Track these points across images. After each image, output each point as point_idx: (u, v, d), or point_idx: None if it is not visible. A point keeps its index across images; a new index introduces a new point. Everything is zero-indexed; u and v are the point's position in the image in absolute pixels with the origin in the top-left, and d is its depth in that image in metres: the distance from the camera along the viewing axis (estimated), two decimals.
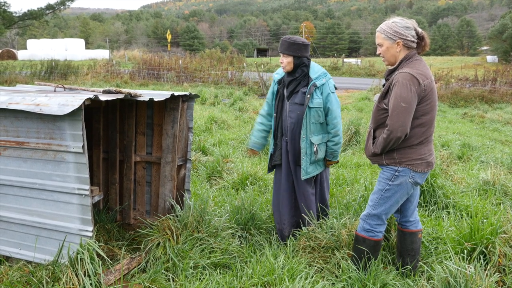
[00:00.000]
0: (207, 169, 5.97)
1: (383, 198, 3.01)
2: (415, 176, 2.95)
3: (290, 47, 3.58)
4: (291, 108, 3.68)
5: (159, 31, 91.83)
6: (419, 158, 2.92)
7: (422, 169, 2.93)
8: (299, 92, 3.66)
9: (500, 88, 19.26)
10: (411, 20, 2.96)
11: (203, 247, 3.36)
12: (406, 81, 2.79)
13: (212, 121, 10.33)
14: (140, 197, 4.20)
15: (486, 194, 5.11)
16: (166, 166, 3.92)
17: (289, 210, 3.81)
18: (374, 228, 3.08)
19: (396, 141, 2.85)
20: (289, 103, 3.69)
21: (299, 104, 3.64)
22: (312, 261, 3.37)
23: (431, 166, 2.99)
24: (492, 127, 12.49)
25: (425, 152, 2.94)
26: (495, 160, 7.34)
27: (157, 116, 4.05)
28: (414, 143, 2.90)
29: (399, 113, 2.79)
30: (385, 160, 2.98)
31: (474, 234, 3.35)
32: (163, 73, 25.03)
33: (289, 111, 3.68)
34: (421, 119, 2.88)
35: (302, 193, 3.76)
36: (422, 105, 2.85)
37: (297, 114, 3.65)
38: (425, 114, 2.88)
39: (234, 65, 28.12)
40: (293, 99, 3.68)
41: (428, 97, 2.86)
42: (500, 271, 3.11)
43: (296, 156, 3.71)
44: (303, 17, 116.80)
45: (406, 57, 2.91)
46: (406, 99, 2.78)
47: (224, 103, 15.55)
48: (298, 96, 3.66)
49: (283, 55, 3.63)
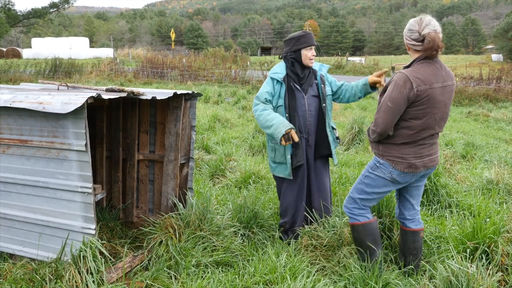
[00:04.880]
0: (210, 167, 5.98)
1: (361, 183, 3.13)
2: (393, 173, 2.97)
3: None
4: (310, 102, 3.68)
5: (163, 29, 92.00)
6: (400, 157, 2.94)
7: (401, 168, 2.93)
8: (313, 85, 3.71)
9: (505, 87, 19.15)
10: (428, 19, 2.83)
11: (205, 245, 3.37)
12: (400, 82, 2.82)
13: (215, 119, 10.34)
14: (143, 195, 4.21)
15: (489, 193, 5.09)
16: (169, 164, 3.93)
17: (303, 207, 3.80)
18: (352, 212, 3.17)
19: (378, 136, 2.96)
20: (307, 97, 3.67)
21: (315, 96, 3.70)
22: (314, 260, 3.37)
23: (414, 169, 2.94)
24: (497, 126, 12.42)
25: (409, 153, 2.92)
26: (499, 159, 7.31)
27: (160, 115, 4.06)
28: (398, 142, 2.94)
29: (384, 111, 2.87)
30: (373, 149, 3.11)
31: (476, 233, 3.34)
32: (167, 71, 25.07)
33: (308, 105, 3.67)
34: (409, 122, 2.88)
35: (322, 184, 3.79)
36: (413, 109, 2.84)
37: (315, 107, 3.69)
38: (415, 118, 2.87)
39: (237, 64, 28.12)
40: (309, 92, 3.69)
41: (422, 103, 2.82)
42: (503, 270, 3.10)
43: (318, 149, 3.72)
44: (307, 15, 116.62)
45: (416, 59, 2.89)
46: (394, 99, 2.82)
47: (227, 102, 15.57)
48: (312, 89, 3.70)
49: (313, 47, 3.67)
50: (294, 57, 3.67)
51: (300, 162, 3.61)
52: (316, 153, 3.73)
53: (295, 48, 3.64)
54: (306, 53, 3.63)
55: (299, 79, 3.67)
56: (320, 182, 3.78)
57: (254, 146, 7.50)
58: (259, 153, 7.28)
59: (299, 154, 3.61)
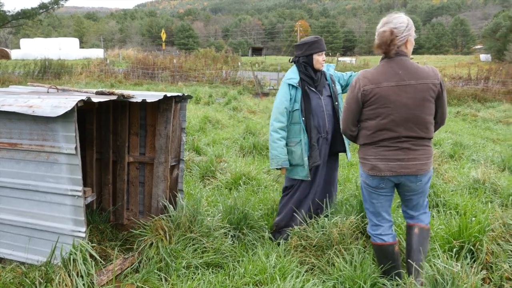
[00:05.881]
0: (200, 169, 6.00)
1: (362, 194, 3.14)
2: (363, 175, 3.01)
3: None
4: (326, 102, 3.85)
5: (154, 30, 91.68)
6: (363, 158, 2.97)
7: (366, 170, 2.94)
8: (326, 86, 3.90)
9: (493, 87, 19.40)
10: (392, 18, 2.83)
11: (195, 247, 3.40)
12: (353, 82, 2.91)
13: (206, 120, 10.36)
14: (133, 198, 4.22)
15: (476, 192, 5.17)
16: (159, 166, 3.95)
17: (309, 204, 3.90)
18: (371, 230, 3.11)
19: (344, 135, 3.12)
20: (323, 98, 3.84)
21: (329, 96, 3.88)
22: (303, 260, 3.41)
23: (377, 171, 2.88)
24: (484, 125, 12.58)
25: (371, 154, 2.90)
26: (486, 159, 7.41)
27: (150, 117, 4.08)
28: (361, 143, 3.00)
29: (343, 111, 3.01)
30: None
31: (462, 232, 3.40)
32: (158, 72, 25.02)
33: (325, 105, 3.83)
34: (366, 123, 2.91)
35: (334, 181, 4.00)
36: (366, 109, 2.88)
37: (330, 106, 3.87)
38: (369, 119, 2.87)
39: (228, 64, 28.13)
40: (324, 93, 3.87)
41: (372, 103, 2.81)
42: (487, 268, 3.17)
43: (334, 146, 3.89)
44: (298, 16, 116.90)
45: (381, 58, 2.92)
46: (347, 99, 2.93)
47: (218, 103, 15.58)
48: (326, 90, 3.88)
49: (323, 52, 3.83)
50: (306, 61, 3.82)
51: (317, 162, 3.76)
52: (331, 150, 3.90)
53: (308, 52, 3.80)
54: (318, 58, 3.79)
55: (314, 81, 3.82)
56: (333, 177, 4.00)
57: (244, 147, 7.54)
58: (250, 154, 7.31)
59: (315, 155, 3.75)
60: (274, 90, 20.79)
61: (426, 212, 3.09)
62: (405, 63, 2.79)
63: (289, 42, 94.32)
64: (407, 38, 2.80)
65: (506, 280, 2.97)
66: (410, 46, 2.86)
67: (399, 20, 2.79)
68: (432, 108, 2.81)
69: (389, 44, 2.75)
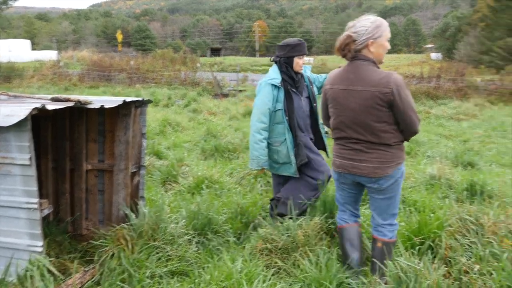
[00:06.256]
0: (161, 173, 5.89)
1: None
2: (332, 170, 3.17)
3: None
4: (305, 103, 3.95)
5: (109, 30, 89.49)
6: (333, 153, 3.13)
7: (331, 164, 3.14)
8: (305, 87, 3.99)
9: (444, 85, 20.22)
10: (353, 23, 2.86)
11: (159, 256, 3.32)
12: None
13: (166, 123, 10.21)
14: (92, 207, 4.09)
15: (432, 188, 5.36)
16: (119, 173, 3.84)
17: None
18: (337, 215, 3.34)
19: None
20: (303, 98, 3.93)
21: (308, 98, 4.00)
22: (269, 263, 3.41)
23: (335, 167, 3.05)
24: (437, 122, 13.10)
25: (334, 149, 3.08)
26: (440, 155, 7.71)
27: (109, 123, 3.96)
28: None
29: None
30: None
31: (422, 229, 3.51)
32: (114, 74, 24.43)
33: (305, 105, 3.94)
34: (330, 120, 3.06)
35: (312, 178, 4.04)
36: (328, 106, 3.04)
37: (309, 107, 3.99)
38: (330, 116, 3.03)
39: (187, 65, 27.85)
40: (303, 94, 3.96)
41: (329, 102, 2.99)
42: (447, 263, 3.28)
43: (315, 145, 4.01)
44: (256, 16, 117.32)
45: None
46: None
47: (178, 105, 15.40)
48: (305, 91, 3.98)
49: (304, 56, 3.91)
50: (286, 63, 3.87)
51: (304, 160, 3.81)
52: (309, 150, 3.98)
53: (289, 54, 3.85)
54: (298, 60, 3.86)
55: (295, 82, 3.89)
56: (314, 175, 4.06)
57: (206, 150, 7.48)
58: (212, 157, 7.26)
59: (302, 154, 3.80)
60: (234, 91, 20.78)
61: (393, 224, 3.05)
62: (359, 68, 2.80)
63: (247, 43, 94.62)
64: (367, 42, 2.78)
65: (464, 273, 3.09)
66: (377, 48, 2.81)
67: (362, 23, 2.80)
68: (382, 116, 2.75)
69: (343, 49, 2.81)
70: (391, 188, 2.92)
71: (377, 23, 2.80)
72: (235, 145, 7.53)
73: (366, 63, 2.81)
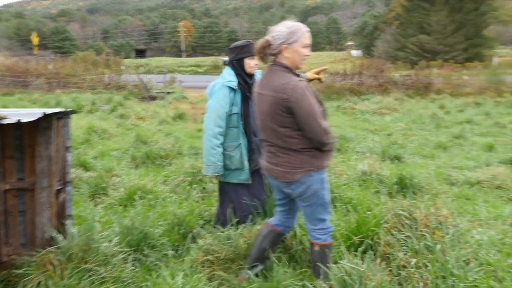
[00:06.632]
0: (89, 186, 5.52)
1: None
2: None
3: None
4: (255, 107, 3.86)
5: (23, 32, 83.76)
6: None
7: None
8: None
9: (366, 81, 21.18)
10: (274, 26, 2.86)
11: (92, 279, 3.07)
12: None
13: (91, 131, 9.65)
14: (12, 230, 3.70)
15: (365, 184, 5.52)
16: (42, 192, 3.51)
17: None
18: None
19: None
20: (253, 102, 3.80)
21: None
22: (212, 276, 3.29)
23: (263, 170, 3.07)
24: (362, 117, 13.66)
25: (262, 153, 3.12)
26: (369, 150, 8.00)
27: (28, 137, 3.61)
28: None
29: None
30: None
31: (360, 227, 3.57)
32: (31, 80, 22.84)
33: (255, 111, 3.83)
34: None
35: None
36: None
37: None
38: None
39: (111, 68, 26.78)
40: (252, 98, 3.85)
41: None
42: (385, 259, 3.36)
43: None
44: (180, 16, 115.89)
45: None
46: None
47: (103, 110, 14.71)
48: None
49: (254, 57, 3.71)
50: (238, 65, 3.76)
51: (257, 166, 3.70)
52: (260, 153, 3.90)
53: (239, 56, 3.74)
54: (249, 61, 3.75)
55: (248, 86, 3.76)
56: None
57: (136, 157, 7.15)
58: (143, 165, 6.95)
59: (256, 159, 3.72)
60: (162, 93, 20.28)
61: (324, 228, 2.98)
62: (271, 73, 2.80)
63: (173, 43, 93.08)
64: (280, 48, 2.74)
65: (402, 268, 3.17)
66: (292, 54, 2.76)
67: (279, 28, 2.76)
68: (284, 121, 2.73)
69: (259, 53, 2.82)
70: (307, 196, 2.86)
71: (292, 29, 2.74)
72: (167, 151, 7.26)
73: (278, 68, 2.79)
